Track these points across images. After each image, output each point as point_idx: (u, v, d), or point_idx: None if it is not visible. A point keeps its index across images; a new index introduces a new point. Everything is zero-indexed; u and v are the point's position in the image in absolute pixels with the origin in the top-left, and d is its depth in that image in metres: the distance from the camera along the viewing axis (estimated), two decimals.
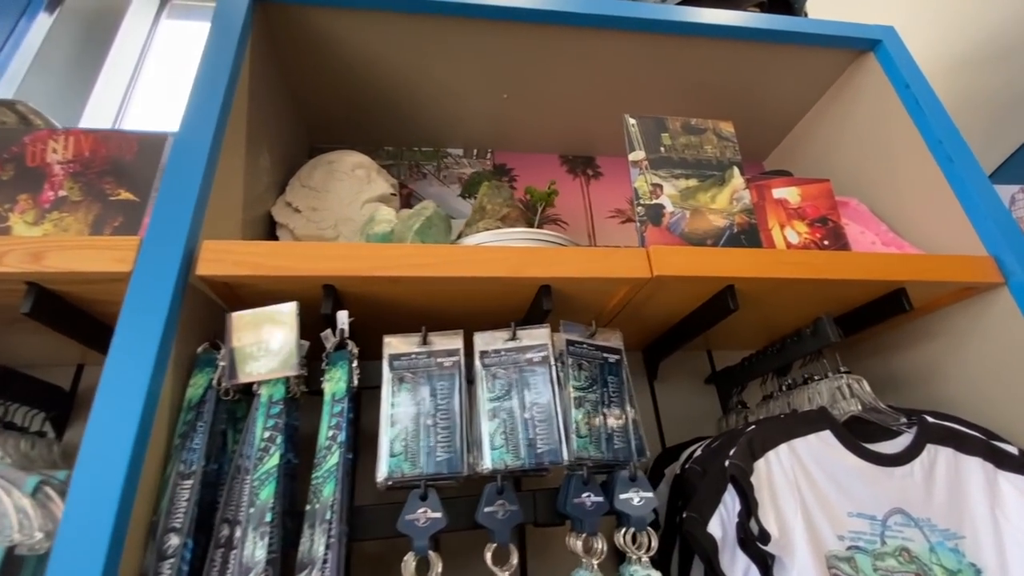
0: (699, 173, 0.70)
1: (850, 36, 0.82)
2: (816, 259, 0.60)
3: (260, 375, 0.47)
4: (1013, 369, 0.63)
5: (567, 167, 1.03)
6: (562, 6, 0.75)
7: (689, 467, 0.57)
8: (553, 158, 1.03)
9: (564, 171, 1.03)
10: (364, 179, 0.74)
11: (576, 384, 0.52)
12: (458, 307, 0.61)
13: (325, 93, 0.86)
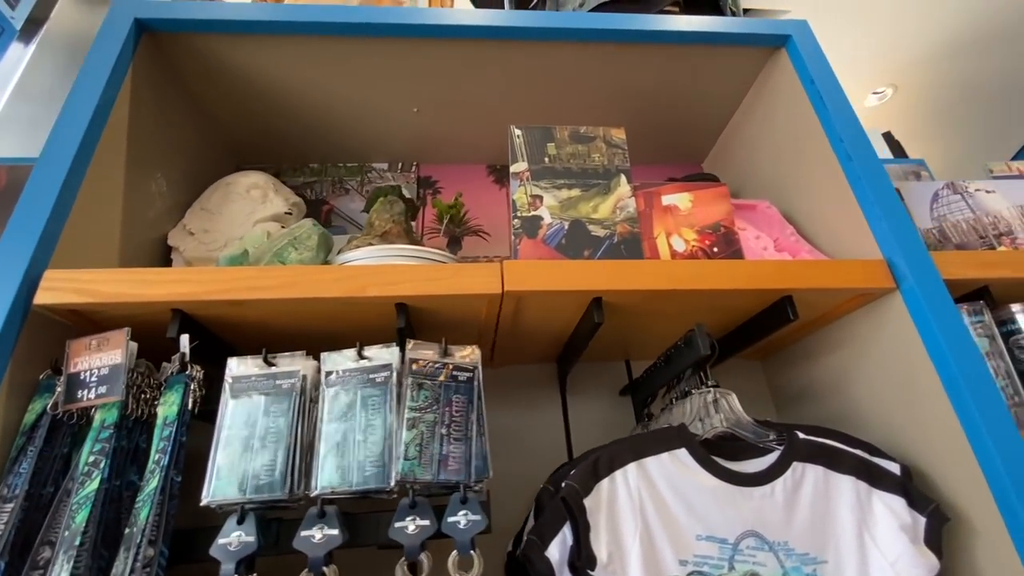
0: (583, 183, 0.69)
1: (762, 33, 0.79)
2: (681, 269, 0.58)
3: (89, 400, 0.48)
4: (906, 378, 0.59)
5: (494, 177, 1.02)
6: (456, 20, 0.75)
7: (543, 486, 0.56)
8: (480, 168, 1.03)
9: (491, 181, 1.02)
10: (259, 199, 0.75)
11: (412, 405, 0.51)
12: (332, 327, 0.61)
13: (243, 115, 0.88)
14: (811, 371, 0.77)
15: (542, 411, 0.82)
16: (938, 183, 0.76)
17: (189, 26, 0.71)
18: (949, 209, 0.74)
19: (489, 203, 0.99)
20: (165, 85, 0.75)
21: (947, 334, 0.55)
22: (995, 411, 0.51)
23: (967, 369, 0.53)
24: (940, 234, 0.73)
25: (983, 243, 0.73)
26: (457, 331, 0.66)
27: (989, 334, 0.60)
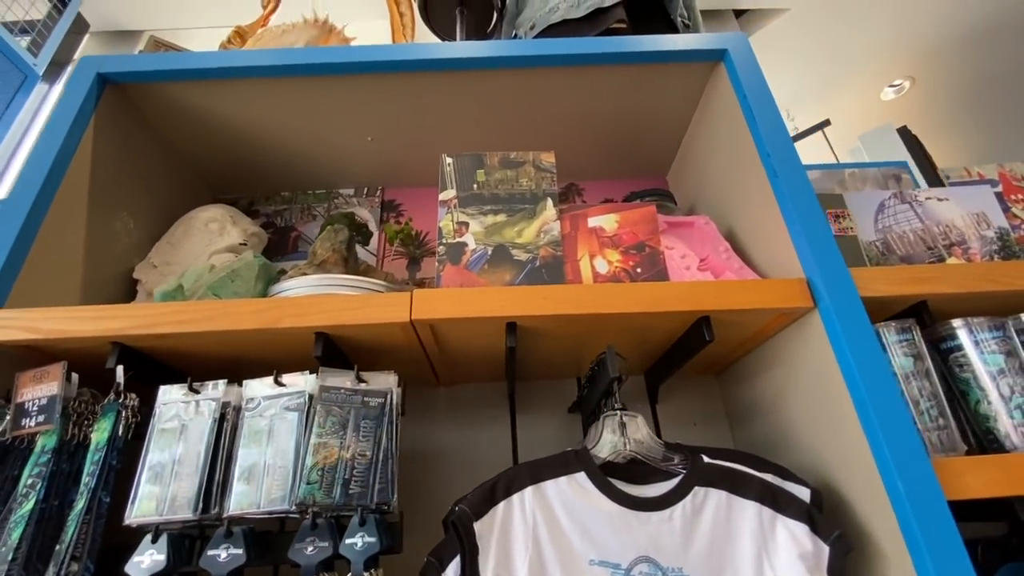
0: (509, 208, 0.70)
1: (700, 49, 0.79)
2: (588, 293, 0.58)
3: (30, 428, 0.54)
4: (828, 398, 0.58)
5: None
6: (402, 55, 0.78)
7: (452, 507, 0.57)
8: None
9: None
10: (216, 232, 0.80)
11: (319, 430, 0.54)
12: (265, 354, 0.65)
13: (213, 151, 0.94)
14: (754, 388, 0.75)
15: (492, 429, 0.83)
16: (885, 192, 0.73)
17: (149, 76, 0.77)
18: (895, 220, 0.72)
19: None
20: (132, 130, 0.82)
21: (857, 355, 0.54)
22: (901, 435, 0.50)
23: (875, 391, 0.52)
24: (884, 246, 0.71)
25: (931, 254, 0.70)
26: (390, 355, 0.69)
27: (915, 353, 0.57)
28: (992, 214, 0.71)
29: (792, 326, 0.64)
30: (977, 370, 0.59)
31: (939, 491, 0.47)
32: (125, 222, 0.79)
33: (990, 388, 0.58)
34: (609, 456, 0.56)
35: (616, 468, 0.56)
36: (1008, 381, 0.58)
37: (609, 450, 0.56)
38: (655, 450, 0.56)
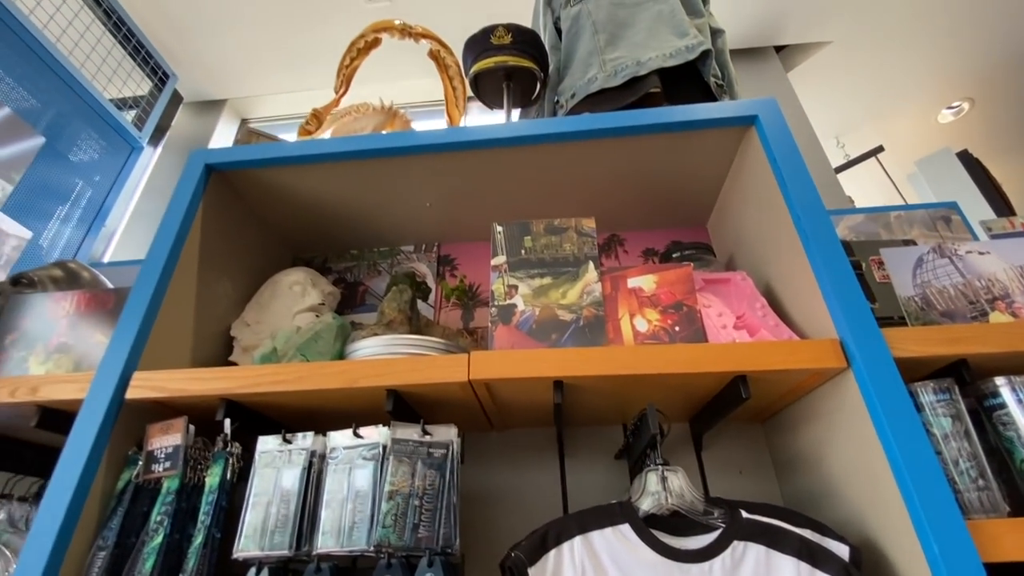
0: (554, 271, 0.78)
1: (731, 116, 0.84)
2: (628, 355, 0.64)
3: (159, 473, 0.65)
4: (864, 456, 0.60)
5: None
6: (456, 138, 0.88)
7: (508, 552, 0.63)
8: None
9: None
10: (299, 294, 0.92)
11: (391, 478, 0.62)
12: (344, 407, 0.74)
13: (294, 220, 1.07)
14: (797, 439, 0.77)
15: (542, 472, 0.89)
16: (923, 247, 0.75)
17: (245, 164, 0.90)
18: (935, 274, 0.73)
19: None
20: (231, 206, 0.96)
21: (890, 415, 0.56)
22: (935, 496, 0.52)
23: (908, 452, 0.54)
24: (923, 301, 0.72)
25: (973, 308, 0.70)
26: (449, 406, 0.77)
27: (953, 413, 0.59)
28: None
29: (830, 382, 0.67)
30: (1021, 428, 0.60)
31: (974, 553, 0.49)
32: (224, 286, 0.92)
33: None
34: (652, 508, 0.60)
35: (658, 520, 0.60)
36: None
37: (652, 503, 0.60)
38: (695, 504, 0.60)
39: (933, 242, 1.03)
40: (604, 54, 1.05)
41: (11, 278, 0.91)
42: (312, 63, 2.21)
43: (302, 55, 2.18)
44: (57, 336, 0.76)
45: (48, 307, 0.79)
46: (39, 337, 0.77)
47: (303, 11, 2.01)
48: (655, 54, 1.00)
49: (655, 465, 0.62)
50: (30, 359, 0.75)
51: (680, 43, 1.00)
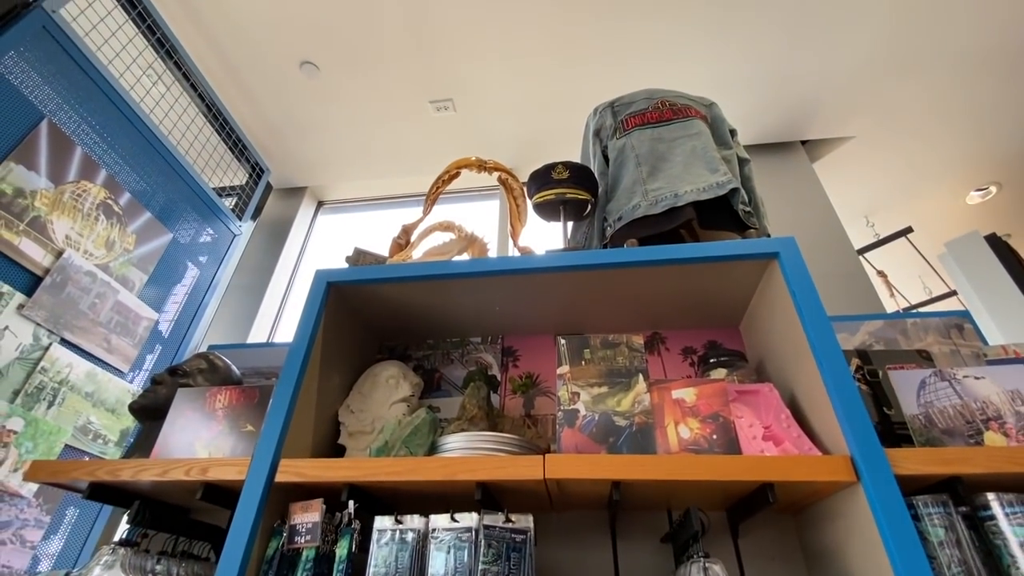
0: (610, 381, 0.95)
1: (757, 252, 1.01)
2: (674, 463, 0.80)
3: (301, 544, 0.83)
4: (875, 557, 0.73)
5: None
6: (521, 265, 1.09)
7: None
8: (548, 338, 1.33)
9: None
10: (394, 386, 1.12)
11: (484, 559, 0.78)
12: (442, 491, 0.92)
13: (386, 317, 1.29)
14: (823, 534, 0.90)
15: (595, 551, 1.03)
16: (925, 371, 0.89)
17: (356, 282, 1.13)
18: (936, 396, 0.86)
19: (554, 363, 1.27)
20: (341, 311, 1.18)
21: (891, 525, 0.69)
22: None
23: (905, 557, 0.67)
24: (927, 420, 0.85)
25: (970, 427, 0.83)
26: (522, 493, 0.93)
27: (946, 524, 0.71)
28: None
29: (846, 489, 0.80)
30: (1008, 539, 0.71)
31: None
32: (334, 378, 1.13)
33: (1019, 555, 0.70)
34: None
35: None
36: None
37: None
38: None
39: (948, 349, 1.16)
40: (647, 184, 1.25)
41: (168, 370, 1.14)
42: (380, 156, 2.53)
43: (372, 149, 2.50)
44: (216, 423, 0.98)
45: (208, 400, 1.01)
46: (203, 424, 0.98)
47: (377, 114, 2.34)
48: (691, 187, 1.19)
49: (697, 557, 0.76)
50: (196, 443, 0.96)
51: (712, 179, 1.19)
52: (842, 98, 2.07)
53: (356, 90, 2.21)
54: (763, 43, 1.96)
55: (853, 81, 2.04)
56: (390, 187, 2.64)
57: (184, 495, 0.95)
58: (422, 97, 2.22)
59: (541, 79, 2.15)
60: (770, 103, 2.11)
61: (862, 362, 1.07)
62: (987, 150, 2.35)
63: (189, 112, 2.20)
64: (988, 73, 2.05)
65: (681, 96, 1.44)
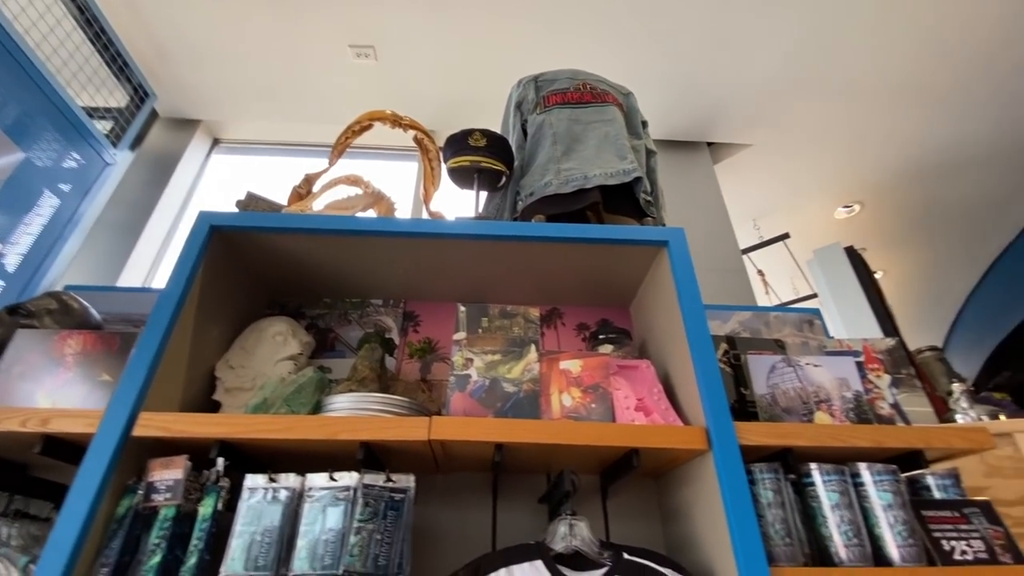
0: (504, 349, 0.97)
1: (649, 239, 1.08)
2: (552, 428, 0.84)
3: (159, 502, 0.77)
4: (716, 515, 0.83)
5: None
6: (428, 228, 1.07)
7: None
8: (451, 305, 1.33)
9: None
10: (281, 343, 1.06)
11: (360, 516, 0.78)
12: (322, 451, 0.89)
13: (278, 270, 1.21)
14: (676, 496, 1.00)
15: (477, 511, 1.06)
16: (775, 357, 1.01)
17: (246, 228, 1.04)
18: (782, 379, 0.99)
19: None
20: (226, 260, 1.09)
21: (730, 488, 0.79)
22: (751, 549, 0.74)
23: (738, 515, 0.77)
24: (772, 399, 0.98)
25: (805, 408, 0.96)
26: (407, 453, 0.93)
27: (775, 488, 0.83)
28: (852, 380, 0.99)
29: (700, 457, 0.90)
30: (822, 502, 0.84)
31: None
32: (212, 331, 1.05)
33: (831, 516, 0.83)
34: (560, 549, 0.80)
35: (565, 558, 0.80)
36: (840, 513, 0.83)
37: (560, 544, 0.80)
38: (592, 546, 0.80)
39: (799, 340, 1.32)
40: (560, 163, 1.28)
41: (7, 308, 0.99)
42: (289, 96, 2.33)
43: (280, 88, 2.30)
44: (65, 371, 0.87)
45: (56, 344, 0.89)
46: (47, 371, 0.87)
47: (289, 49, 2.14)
48: (599, 171, 1.23)
49: (566, 516, 0.82)
50: (38, 392, 0.85)
51: (620, 166, 1.24)
52: (746, 108, 2.25)
53: (267, 18, 2.00)
54: (683, 44, 2.06)
55: (758, 92, 2.22)
56: (298, 133, 2.44)
57: (21, 450, 0.84)
58: (342, 39, 2.06)
59: (468, 42, 2.09)
60: (682, 103, 2.24)
61: (729, 347, 1.19)
62: (856, 173, 2.68)
63: (55, 11, 1.87)
64: (865, 104, 2.32)
65: (602, 81, 1.47)
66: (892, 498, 0.84)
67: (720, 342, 1.18)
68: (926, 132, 2.39)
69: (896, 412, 0.99)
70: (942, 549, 0.81)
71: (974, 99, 2.21)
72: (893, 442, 0.88)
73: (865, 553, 0.80)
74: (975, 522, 0.85)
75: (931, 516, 0.85)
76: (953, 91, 2.17)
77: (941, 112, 2.30)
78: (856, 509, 0.84)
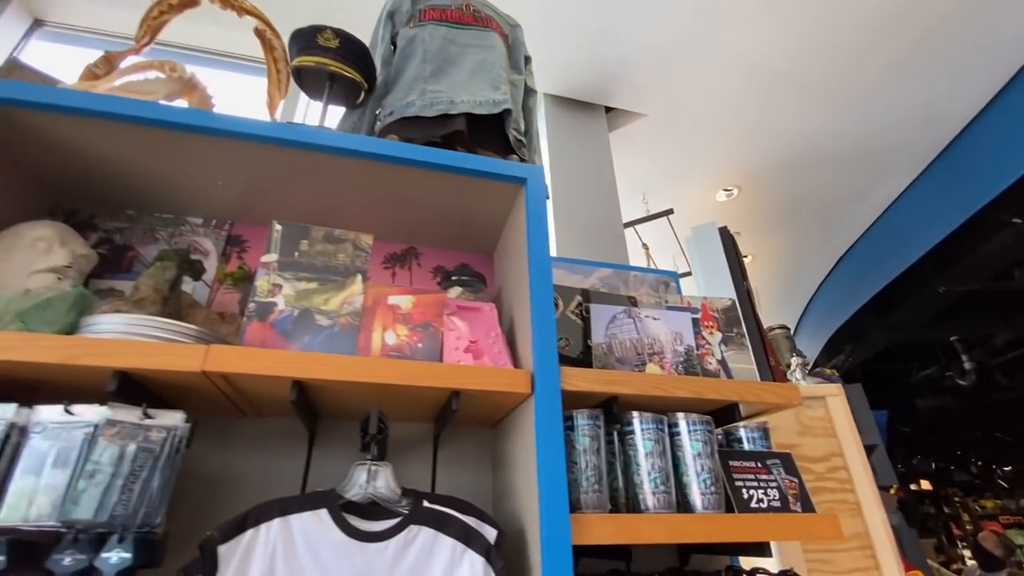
0: (322, 277, 0.84)
1: (508, 174, 0.99)
2: (358, 365, 0.74)
3: None
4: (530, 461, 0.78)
5: None
6: (257, 130, 0.89)
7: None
8: None
9: None
10: (42, 251, 0.84)
11: (96, 457, 0.63)
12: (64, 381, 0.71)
13: (62, 165, 0.96)
14: (507, 443, 0.96)
15: (289, 460, 0.95)
16: (617, 308, 0.99)
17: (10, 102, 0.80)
18: (620, 329, 0.97)
19: None
20: None
21: (545, 432, 0.75)
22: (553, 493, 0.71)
23: (547, 459, 0.73)
24: (608, 349, 0.96)
25: (638, 358, 0.96)
26: (192, 393, 0.78)
27: (593, 435, 0.81)
28: (686, 335, 1.00)
29: (527, 401, 0.85)
30: (638, 450, 0.84)
31: (568, 538, 0.68)
32: None
33: (643, 464, 0.82)
34: (354, 496, 0.71)
35: (358, 507, 0.71)
36: (652, 460, 0.82)
37: (355, 492, 0.71)
38: (391, 494, 0.72)
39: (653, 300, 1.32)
40: (427, 84, 1.15)
41: None
42: None
43: None
44: None
45: None
46: None
47: None
48: (468, 98, 1.12)
49: (364, 461, 0.73)
50: None
51: (491, 95, 1.14)
52: (643, 74, 2.25)
53: None
54: None
55: (655, 59, 2.22)
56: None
57: None
58: None
59: None
60: (584, 60, 2.18)
61: (583, 299, 1.16)
62: (737, 157, 2.83)
63: None
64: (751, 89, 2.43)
65: (488, 6, 1.34)
66: (702, 447, 0.85)
67: (575, 294, 1.15)
68: (800, 124, 2.56)
69: (722, 368, 1.01)
70: (741, 497, 0.84)
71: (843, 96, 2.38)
72: (711, 394, 0.89)
73: (670, 500, 0.81)
74: (775, 472, 0.89)
75: (736, 466, 0.87)
76: (825, 86, 2.33)
77: (814, 106, 2.46)
78: (668, 458, 0.84)
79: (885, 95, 2.38)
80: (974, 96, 2.49)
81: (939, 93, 2.43)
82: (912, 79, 2.31)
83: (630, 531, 0.74)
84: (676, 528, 0.75)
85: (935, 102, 2.50)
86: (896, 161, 2.87)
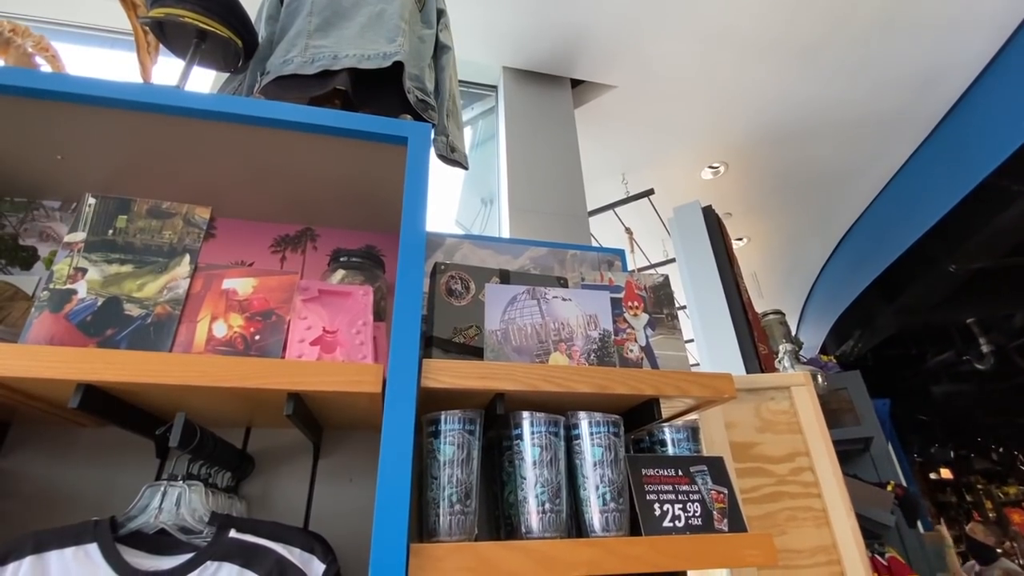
0: (140, 259, 0.70)
1: (384, 133, 0.84)
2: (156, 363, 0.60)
3: None
4: None
5: None
6: (95, 91, 0.75)
7: None
8: None
9: None
10: None
11: None
12: None
13: None
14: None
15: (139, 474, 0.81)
16: (520, 288, 0.83)
17: None
18: (521, 313, 0.82)
19: None
20: None
21: (390, 440, 0.60)
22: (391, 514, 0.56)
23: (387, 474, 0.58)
24: (503, 336, 0.80)
25: (541, 347, 0.80)
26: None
27: (461, 442, 0.65)
28: (603, 317, 0.84)
29: None
30: (524, 459, 0.68)
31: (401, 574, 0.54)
32: None
33: (528, 476, 0.67)
34: (139, 526, 0.57)
35: (145, 538, 0.57)
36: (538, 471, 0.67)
37: (142, 520, 0.57)
38: (193, 522, 0.58)
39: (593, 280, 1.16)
40: (311, 39, 1.00)
41: None
42: None
43: None
44: None
45: None
46: None
47: None
48: (354, 52, 0.97)
49: (160, 482, 0.59)
50: None
51: (382, 48, 0.98)
52: (609, 42, 2.07)
53: None
54: None
55: (620, 25, 2.04)
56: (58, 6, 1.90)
57: None
58: None
59: None
60: (542, 27, 2.01)
61: (501, 281, 1.00)
62: (720, 130, 2.64)
63: None
64: (729, 55, 2.23)
65: None
66: (602, 453, 0.69)
67: (492, 275, 1.00)
68: (785, 91, 2.36)
69: (645, 355, 0.85)
70: (651, 514, 0.69)
71: (829, 58, 2.18)
72: (619, 387, 0.73)
73: (559, 521, 0.66)
74: (698, 483, 0.73)
75: (650, 475, 0.72)
76: (809, 47, 2.13)
77: (797, 70, 2.26)
78: (559, 468, 0.69)
79: (874, 55, 2.17)
80: (973, 53, 2.26)
81: (935, 51, 2.21)
82: (903, 36, 2.09)
83: (487, 566, 0.58)
84: (553, 559, 0.59)
85: (932, 62, 2.29)
86: (895, 129, 2.65)
